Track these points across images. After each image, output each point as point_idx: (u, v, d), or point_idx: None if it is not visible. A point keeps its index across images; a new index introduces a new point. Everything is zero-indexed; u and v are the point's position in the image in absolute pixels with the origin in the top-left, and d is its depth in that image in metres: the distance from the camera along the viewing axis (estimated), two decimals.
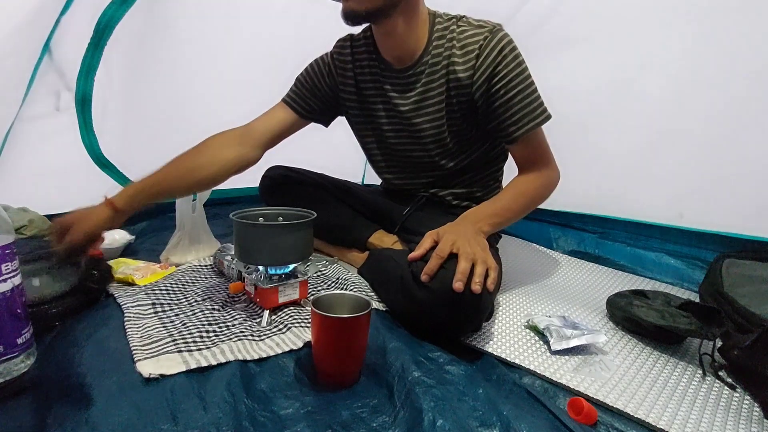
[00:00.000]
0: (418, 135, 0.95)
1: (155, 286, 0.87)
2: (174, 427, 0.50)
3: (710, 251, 1.11)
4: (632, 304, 0.85)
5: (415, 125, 0.95)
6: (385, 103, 0.97)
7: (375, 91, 0.97)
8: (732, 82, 1.04)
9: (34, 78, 1.08)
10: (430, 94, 0.91)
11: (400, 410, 0.56)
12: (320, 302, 0.62)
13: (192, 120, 1.43)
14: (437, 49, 0.88)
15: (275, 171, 1.18)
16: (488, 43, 0.83)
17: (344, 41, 1.00)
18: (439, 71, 0.89)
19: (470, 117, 0.91)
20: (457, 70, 0.86)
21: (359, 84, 0.98)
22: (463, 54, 0.86)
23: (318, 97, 1.01)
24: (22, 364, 0.58)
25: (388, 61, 0.93)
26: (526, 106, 0.85)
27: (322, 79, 1.00)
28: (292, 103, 1.00)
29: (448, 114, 0.91)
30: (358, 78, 0.98)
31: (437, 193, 1.04)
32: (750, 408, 0.63)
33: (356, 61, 0.97)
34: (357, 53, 0.97)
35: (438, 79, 0.89)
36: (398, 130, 0.98)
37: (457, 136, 0.94)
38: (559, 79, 1.33)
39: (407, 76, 0.92)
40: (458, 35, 0.87)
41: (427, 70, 0.89)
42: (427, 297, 0.71)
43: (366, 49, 0.96)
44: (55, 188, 1.21)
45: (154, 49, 1.30)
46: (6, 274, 0.55)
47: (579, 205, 1.38)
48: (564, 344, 0.74)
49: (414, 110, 0.93)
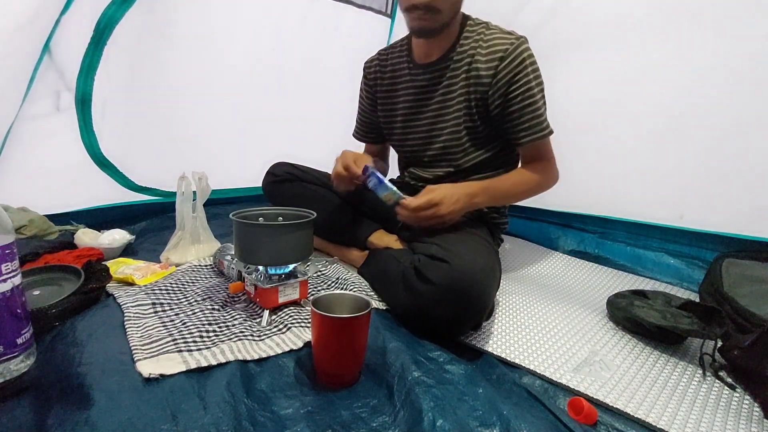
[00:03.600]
0: (440, 129, 1.00)
1: (155, 286, 0.87)
2: (174, 427, 0.50)
3: (710, 251, 1.11)
4: (633, 304, 0.85)
5: (438, 118, 0.99)
6: (412, 98, 1.03)
7: (405, 89, 1.04)
8: (732, 82, 1.04)
9: (34, 78, 1.08)
10: (452, 89, 0.96)
11: (400, 410, 0.56)
12: (320, 302, 0.62)
13: (192, 120, 1.44)
14: (463, 47, 0.94)
15: (279, 168, 1.18)
16: (514, 49, 0.89)
17: (370, 61, 1.13)
18: (462, 67, 0.94)
19: (483, 114, 0.95)
20: (479, 67, 0.92)
21: (390, 86, 1.07)
22: (488, 53, 0.91)
23: (368, 124, 1.17)
24: (22, 364, 0.58)
25: (418, 58, 1.01)
26: (536, 117, 0.91)
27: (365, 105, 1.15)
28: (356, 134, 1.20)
29: (467, 109, 0.96)
30: (387, 82, 1.08)
31: None
32: (750, 408, 0.63)
33: (388, 66, 1.07)
34: (391, 58, 1.07)
35: (460, 75, 0.95)
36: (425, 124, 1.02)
37: (471, 132, 0.98)
38: (559, 80, 1.34)
39: (433, 71, 0.98)
40: (486, 36, 0.92)
41: (452, 65, 0.95)
42: (429, 291, 0.72)
43: (400, 53, 1.05)
44: (55, 188, 1.21)
45: (154, 49, 1.30)
46: (6, 274, 0.55)
47: (579, 205, 1.38)
48: None
49: (438, 102, 0.98)
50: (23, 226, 1.05)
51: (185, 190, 0.99)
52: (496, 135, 0.98)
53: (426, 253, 0.78)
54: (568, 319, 0.88)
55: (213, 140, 1.19)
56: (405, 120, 1.05)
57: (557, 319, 0.88)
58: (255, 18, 1.44)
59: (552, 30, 1.34)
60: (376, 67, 1.10)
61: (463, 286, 0.70)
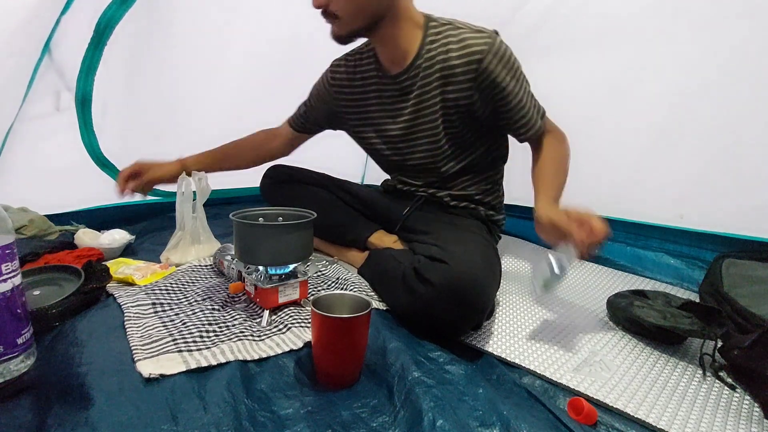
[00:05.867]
0: (417, 138, 0.96)
1: (155, 286, 0.87)
2: (174, 427, 0.50)
3: (710, 251, 1.11)
4: (633, 304, 0.85)
5: (415, 127, 0.95)
6: (385, 110, 0.98)
7: (377, 99, 0.99)
8: (732, 83, 1.04)
9: (34, 78, 1.08)
10: (425, 98, 0.91)
11: (400, 410, 0.56)
12: (320, 302, 0.62)
13: (192, 119, 1.44)
14: (430, 53, 0.88)
15: (276, 170, 1.18)
16: (491, 48, 0.83)
17: (339, 61, 1.05)
18: (433, 73, 0.88)
19: (468, 120, 0.92)
20: (455, 72, 0.86)
21: (360, 95, 1.01)
22: (462, 55, 0.85)
23: (314, 119, 1.13)
24: (22, 364, 0.58)
25: (386, 68, 0.95)
26: (531, 108, 0.89)
27: (319, 102, 1.10)
28: (293, 124, 1.15)
29: (445, 116, 0.92)
30: (357, 90, 1.01)
31: (435, 194, 1.04)
32: (750, 408, 0.63)
33: (358, 74, 1.00)
34: (359, 66, 1.00)
35: (433, 82, 0.89)
36: (400, 135, 0.98)
37: (454, 138, 0.94)
38: (558, 80, 1.34)
39: (402, 80, 0.93)
40: (456, 37, 0.86)
41: (422, 73, 0.90)
42: (428, 292, 0.72)
43: (368, 60, 0.98)
44: (55, 188, 1.21)
45: (155, 49, 1.30)
46: (6, 274, 0.55)
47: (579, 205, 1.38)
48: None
49: (414, 112, 0.94)
50: (23, 226, 1.05)
51: (185, 190, 1.00)
52: (483, 135, 0.95)
53: (425, 254, 0.78)
54: (568, 319, 0.88)
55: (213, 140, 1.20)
56: (379, 132, 1.01)
57: (557, 319, 0.88)
58: (255, 18, 1.44)
59: (550, 30, 1.34)
60: (343, 73, 1.02)
61: (463, 287, 0.70)
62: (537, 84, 0.92)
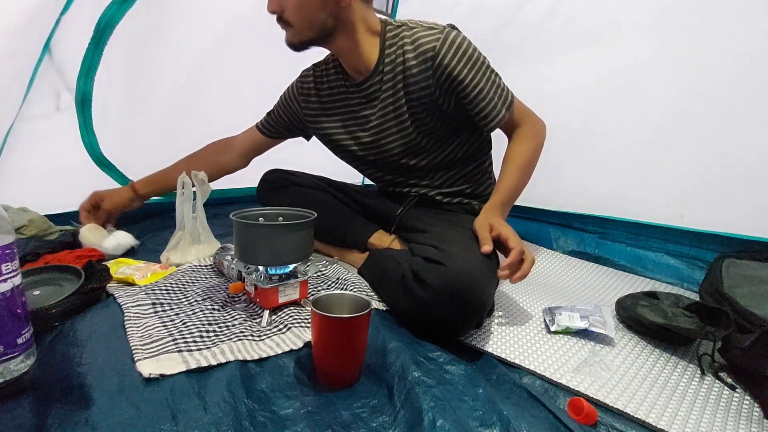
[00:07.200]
0: (390, 141, 0.97)
1: (155, 286, 0.87)
2: (174, 427, 0.50)
3: (710, 251, 1.11)
4: (638, 304, 0.85)
5: (385, 131, 0.97)
6: (354, 117, 1.00)
7: (344, 108, 1.01)
8: (732, 83, 1.04)
9: (34, 78, 1.08)
10: (390, 101, 0.93)
11: (400, 410, 0.56)
12: (320, 302, 0.62)
13: (191, 119, 1.44)
14: (390, 57, 0.90)
15: (273, 174, 1.18)
16: (443, 44, 0.85)
17: (308, 71, 1.07)
18: (395, 77, 0.91)
19: (437, 114, 0.93)
20: (413, 73, 0.88)
21: (327, 105, 1.03)
22: (417, 55, 0.87)
23: (283, 124, 1.14)
24: (22, 364, 0.58)
25: (351, 76, 0.97)
26: (493, 97, 0.88)
27: (287, 109, 1.11)
28: (262, 128, 1.16)
29: (414, 115, 0.93)
30: (325, 100, 1.03)
31: (427, 194, 1.04)
32: (750, 408, 0.63)
33: (325, 83, 1.02)
34: (327, 75, 1.02)
35: (395, 85, 0.91)
36: (370, 141, 0.99)
37: (428, 134, 0.95)
38: (559, 79, 1.34)
39: (367, 87, 0.94)
40: (410, 38, 0.88)
41: (385, 77, 0.92)
42: (428, 295, 0.72)
43: (334, 69, 1.01)
44: (55, 188, 1.21)
45: (155, 49, 1.30)
46: (6, 274, 0.55)
47: (579, 205, 1.38)
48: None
49: (381, 117, 0.95)
50: (23, 226, 1.05)
51: (185, 190, 0.99)
52: (459, 126, 0.95)
53: (422, 255, 0.78)
54: None
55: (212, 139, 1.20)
56: (350, 137, 1.02)
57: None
58: (255, 18, 1.44)
59: (551, 29, 1.34)
60: (311, 83, 1.04)
61: (460, 288, 0.70)
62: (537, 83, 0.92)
